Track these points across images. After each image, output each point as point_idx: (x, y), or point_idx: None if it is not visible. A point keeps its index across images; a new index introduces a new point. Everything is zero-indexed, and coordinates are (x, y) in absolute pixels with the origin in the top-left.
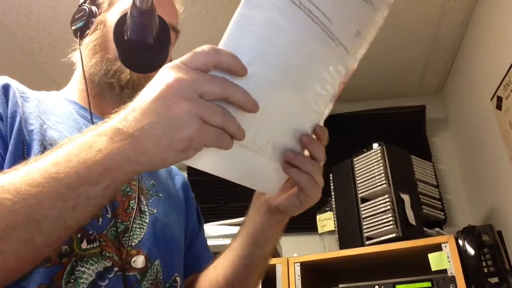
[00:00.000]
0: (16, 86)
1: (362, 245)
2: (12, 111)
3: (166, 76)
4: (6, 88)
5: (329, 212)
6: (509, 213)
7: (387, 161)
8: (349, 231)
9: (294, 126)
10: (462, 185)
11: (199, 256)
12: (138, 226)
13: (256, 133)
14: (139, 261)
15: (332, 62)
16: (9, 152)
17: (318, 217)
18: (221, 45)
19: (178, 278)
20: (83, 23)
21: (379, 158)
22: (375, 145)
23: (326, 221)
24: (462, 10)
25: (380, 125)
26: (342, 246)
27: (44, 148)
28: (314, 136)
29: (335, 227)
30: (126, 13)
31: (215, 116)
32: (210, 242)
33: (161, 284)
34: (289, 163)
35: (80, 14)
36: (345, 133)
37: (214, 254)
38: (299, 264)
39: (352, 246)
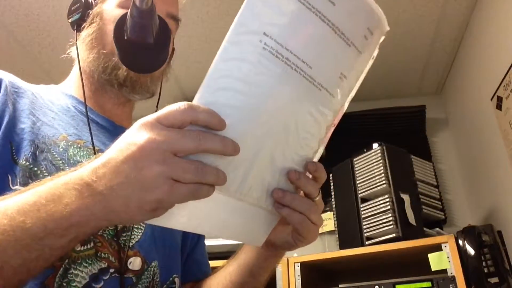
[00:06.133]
0: (10, 81)
1: (362, 245)
2: (0, 110)
3: (138, 135)
4: None
5: (329, 212)
6: (509, 213)
7: (387, 161)
8: (349, 231)
9: (278, 171)
10: (462, 185)
11: (199, 262)
12: (136, 226)
13: (238, 179)
14: (135, 263)
15: (315, 106)
16: None
17: None
18: (196, 98)
19: (176, 279)
20: (79, 15)
21: (379, 158)
22: (375, 145)
23: (326, 221)
24: (462, 10)
25: (380, 125)
26: (342, 246)
27: (36, 147)
28: (308, 174)
29: (335, 227)
30: (126, 13)
31: (187, 175)
32: (210, 242)
33: (157, 286)
34: (280, 203)
35: (76, 5)
36: (345, 133)
37: (215, 253)
38: (299, 264)
39: (352, 246)
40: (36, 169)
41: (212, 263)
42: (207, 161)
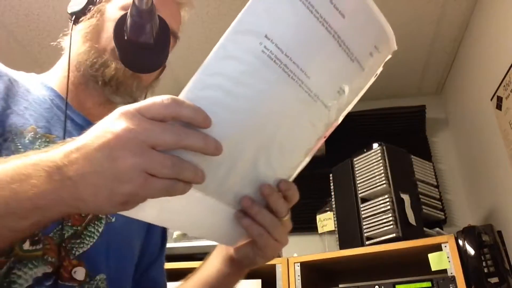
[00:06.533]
0: None
1: (362, 245)
2: None
3: (116, 123)
4: None
5: (329, 212)
6: (509, 213)
7: (387, 161)
8: (349, 231)
9: (260, 177)
10: (462, 185)
11: (155, 281)
12: (88, 234)
13: (217, 179)
14: (79, 273)
15: (308, 117)
16: None
17: (318, 217)
18: (184, 92)
19: None
20: (81, 8)
21: (379, 158)
22: (375, 145)
23: (326, 221)
24: (462, 10)
25: (380, 125)
26: (342, 246)
27: (1, 134)
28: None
29: (335, 227)
30: (126, 13)
31: (163, 169)
32: (192, 244)
33: None
34: (244, 211)
35: None
36: (345, 133)
37: (204, 254)
38: (299, 264)
39: (352, 246)
40: None
41: (184, 265)
42: (187, 157)
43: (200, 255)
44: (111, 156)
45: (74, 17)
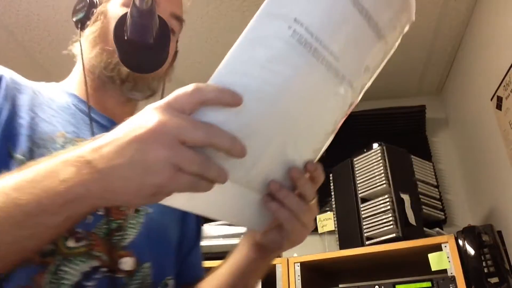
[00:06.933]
0: (11, 77)
1: (362, 245)
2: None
3: (149, 118)
4: None
5: (329, 212)
6: (509, 213)
7: (387, 161)
8: (349, 231)
9: (287, 161)
10: (462, 185)
11: (194, 265)
12: (131, 226)
13: (245, 167)
14: (128, 263)
15: (334, 99)
16: None
17: (318, 217)
18: (212, 78)
19: (170, 281)
20: (84, 14)
21: (379, 158)
22: (375, 145)
23: (326, 221)
24: (462, 10)
25: (380, 125)
26: (342, 246)
27: (33, 142)
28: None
29: (335, 227)
30: (126, 13)
31: (191, 165)
32: (210, 242)
33: None
34: (272, 195)
35: (81, 4)
36: (345, 133)
37: (215, 254)
38: (299, 264)
39: (352, 246)
40: None
41: (208, 264)
42: (214, 153)
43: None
44: (143, 149)
45: (80, 24)
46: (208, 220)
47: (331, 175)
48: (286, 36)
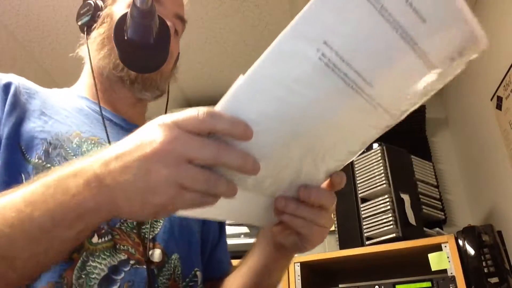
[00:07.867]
0: (21, 83)
1: (362, 245)
2: (8, 110)
3: (155, 135)
4: (7, 87)
5: None
6: (509, 213)
7: (387, 161)
8: (349, 231)
9: (302, 172)
10: (462, 185)
11: (220, 260)
12: (155, 219)
13: (257, 182)
14: (156, 254)
15: (364, 125)
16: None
17: None
18: (228, 97)
19: (198, 273)
20: (89, 17)
21: (379, 158)
22: (375, 145)
23: None
24: None
25: None
26: (342, 246)
27: (49, 144)
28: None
29: (335, 227)
30: (126, 13)
31: (195, 183)
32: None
33: (179, 279)
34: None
35: (86, 8)
36: None
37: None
38: (299, 264)
39: (352, 246)
40: (49, 165)
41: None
42: (225, 170)
43: None
44: (146, 168)
45: (85, 27)
46: None
47: None
48: (314, 58)
